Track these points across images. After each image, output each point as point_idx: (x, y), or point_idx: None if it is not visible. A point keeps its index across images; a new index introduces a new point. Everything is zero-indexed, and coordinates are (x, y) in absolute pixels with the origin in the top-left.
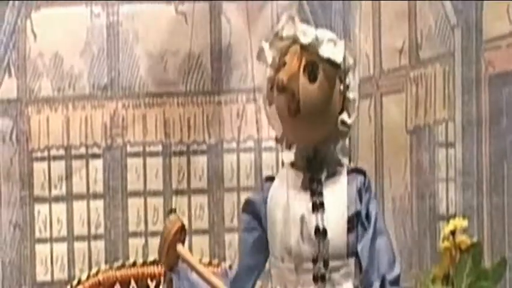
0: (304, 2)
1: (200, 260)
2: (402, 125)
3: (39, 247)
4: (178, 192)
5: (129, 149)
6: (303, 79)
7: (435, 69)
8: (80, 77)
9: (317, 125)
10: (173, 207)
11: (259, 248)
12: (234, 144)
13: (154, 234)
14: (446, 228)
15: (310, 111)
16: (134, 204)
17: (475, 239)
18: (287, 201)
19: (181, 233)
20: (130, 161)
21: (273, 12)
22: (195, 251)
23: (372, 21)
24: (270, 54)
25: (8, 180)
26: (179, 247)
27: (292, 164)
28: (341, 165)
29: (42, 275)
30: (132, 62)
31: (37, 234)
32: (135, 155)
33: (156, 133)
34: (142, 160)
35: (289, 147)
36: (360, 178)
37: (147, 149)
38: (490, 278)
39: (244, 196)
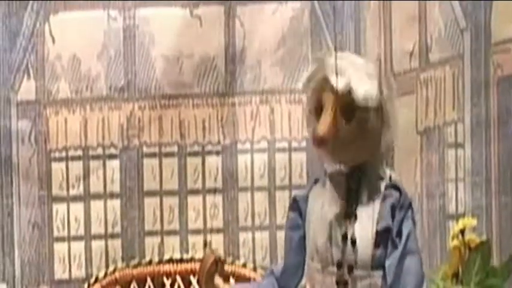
0: (316, 4)
1: None
2: (413, 126)
3: (57, 246)
4: (194, 192)
5: (145, 149)
6: (340, 122)
7: (445, 71)
8: (97, 79)
9: (355, 156)
10: (207, 240)
11: (304, 246)
12: (248, 145)
13: (170, 233)
14: (455, 227)
15: (347, 149)
16: (150, 204)
17: (483, 238)
18: (322, 204)
19: (217, 265)
20: (146, 161)
21: (286, 15)
22: None
23: (382, 24)
24: (306, 93)
25: (27, 180)
26: (216, 279)
27: (334, 173)
28: (381, 179)
29: (60, 273)
30: (148, 65)
31: (55, 233)
32: (151, 155)
33: (171, 134)
34: (158, 160)
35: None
36: (396, 195)
37: (163, 149)
38: (499, 276)
39: (258, 196)
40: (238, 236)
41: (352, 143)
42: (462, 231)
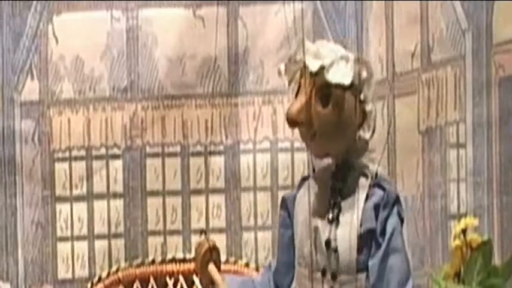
0: (319, 5)
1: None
2: (414, 127)
3: (60, 245)
4: (196, 192)
5: (148, 149)
6: (315, 105)
7: (446, 72)
8: (100, 80)
9: (335, 144)
10: (203, 229)
11: (293, 245)
12: (250, 145)
13: (172, 232)
14: (457, 227)
15: (325, 135)
16: (153, 204)
17: (485, 237)
18: (308, 207)
19: (212, 253)
20: (149, 161)
21: (289, 16)
22: None
23: (385, 25)
24: (286, 77)
25: (31, 180)
26: (210, 267)
27: (321, 171)
28: (366, 177)
29: (63, 273)
30: (151, 65)
31: (59, 233)
32: (154, 155)
33: (174, 134)
34: (161, 160)
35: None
36: (380, 194)
37: (166, 149)
38: (500, 275)
39: (260, 196)
40: (240, 235)
41: (331, 128)
42: (464, 231)
